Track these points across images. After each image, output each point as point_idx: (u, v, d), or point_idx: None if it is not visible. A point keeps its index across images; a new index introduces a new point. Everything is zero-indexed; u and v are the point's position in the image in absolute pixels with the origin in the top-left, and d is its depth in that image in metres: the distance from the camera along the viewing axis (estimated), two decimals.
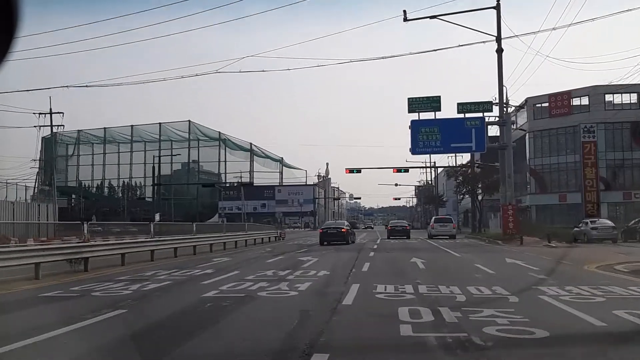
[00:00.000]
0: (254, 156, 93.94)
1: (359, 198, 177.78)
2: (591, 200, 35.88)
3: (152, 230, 18.77)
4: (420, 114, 31.51)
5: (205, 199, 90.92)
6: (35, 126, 48.64)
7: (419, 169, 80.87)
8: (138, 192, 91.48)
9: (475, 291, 9.56)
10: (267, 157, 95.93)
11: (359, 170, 41.61)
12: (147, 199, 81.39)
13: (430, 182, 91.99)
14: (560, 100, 53.36)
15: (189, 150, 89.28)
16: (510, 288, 9.87)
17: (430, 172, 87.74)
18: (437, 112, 31.46)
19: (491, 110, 31.46)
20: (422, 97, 31.71)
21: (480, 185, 48.87)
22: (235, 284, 10.81)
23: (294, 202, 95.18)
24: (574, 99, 52.97)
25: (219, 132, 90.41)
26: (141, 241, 17.68)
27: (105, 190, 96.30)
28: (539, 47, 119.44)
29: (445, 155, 79.13)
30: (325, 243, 29.68)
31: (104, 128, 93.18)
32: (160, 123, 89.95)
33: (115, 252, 15.68)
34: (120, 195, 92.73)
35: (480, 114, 31.19)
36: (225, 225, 31.14)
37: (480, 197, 50.23)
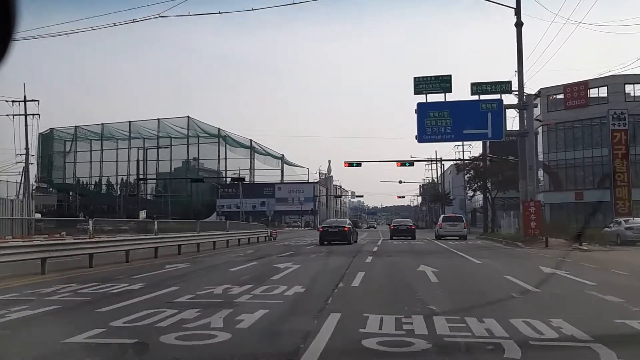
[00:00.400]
0: (255, 153, 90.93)
1: (361, 196, 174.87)
2: (622, 197, 31.77)
3: (90, 228, 14.90)
4: (428, 95, 27.46)
5: (204, 197, 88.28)
6: (8, 115, 44.88)
7: (424, 161, 76.91)
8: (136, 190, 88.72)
9: (527, 330, 5.74)
10: (268, 154, 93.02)
11: (359, 164, 37.66)
12: (143, 195, 78.21)
13: (435, 180, 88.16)
14: (576, 91, 49.52)
15: (188, 147, 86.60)
16: (580, 323, 6.00)
17: (437, 169, 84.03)
18: (447, 94, 27.40)
19: (510, 92, 27.26)
20: (431, 77, 27.41)
21: (491, 181, 44.87)
22: (147, 313, 6.92)
23: (295, 201, 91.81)
24: (591, 90, 49.09)
25: (219, 129, 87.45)
26: (72, 243, 13.74)
27: (104, 187, 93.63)
28: (565, 22, 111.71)
29: (452, 151, 75.63)
30: (325, 242, 27.43)
31: (102, 124, 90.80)
32: (158, 119, 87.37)
33: (29, 257, 11.83)
34: (119, 192, 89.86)
35: (497, 96, 27.09)
36: (200, 223, 27.34)
37: (494, 194, 46.09)
